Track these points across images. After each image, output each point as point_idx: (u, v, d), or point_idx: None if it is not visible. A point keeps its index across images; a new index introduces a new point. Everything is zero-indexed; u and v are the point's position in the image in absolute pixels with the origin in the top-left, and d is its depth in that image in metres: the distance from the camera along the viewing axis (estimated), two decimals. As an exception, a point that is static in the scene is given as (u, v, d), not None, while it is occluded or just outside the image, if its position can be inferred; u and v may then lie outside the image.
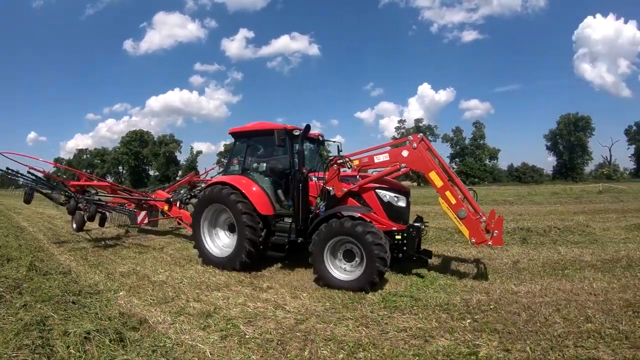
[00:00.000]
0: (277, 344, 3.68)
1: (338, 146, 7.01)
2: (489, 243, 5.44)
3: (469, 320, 4.22)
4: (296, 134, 6.37)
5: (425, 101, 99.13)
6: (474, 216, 5.52)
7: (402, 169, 6.09)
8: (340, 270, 5.63)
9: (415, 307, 4.63)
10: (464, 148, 72.49)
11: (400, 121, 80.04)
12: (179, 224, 9.98)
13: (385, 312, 4.49)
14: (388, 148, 6.11)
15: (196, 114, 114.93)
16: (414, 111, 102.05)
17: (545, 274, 6.16)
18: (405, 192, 6.36)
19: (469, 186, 7.11)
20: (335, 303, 4.81)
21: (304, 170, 6.17)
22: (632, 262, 6.67)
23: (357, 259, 5.50)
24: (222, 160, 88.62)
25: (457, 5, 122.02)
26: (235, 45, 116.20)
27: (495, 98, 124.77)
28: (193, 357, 3.43)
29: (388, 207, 6.05)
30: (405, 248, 5.75)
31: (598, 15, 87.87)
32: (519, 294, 5.23)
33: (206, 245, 6.88)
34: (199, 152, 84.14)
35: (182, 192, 10.60)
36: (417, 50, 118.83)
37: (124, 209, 10.15)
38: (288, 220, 6.43)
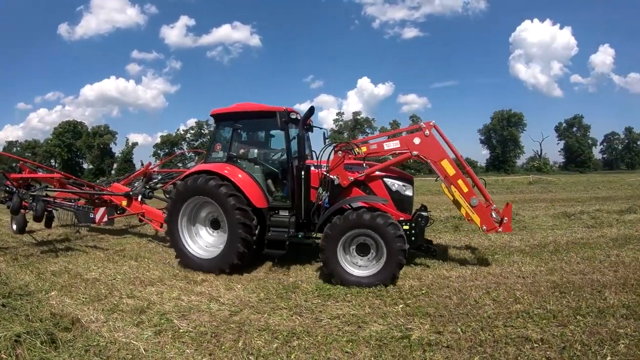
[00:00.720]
0: (212, 336, 4.07)
1: (324, 133, 7.28)
2: (499, 230, 6.10)
3: (401, 305, 4.82)
4: (293, 117, 6.44)
5: (364, 94, 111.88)
6: (484, 204, 6.15)
7: (413, 156, 6.30)
8: (354, 265, 5.75)
9: (348, 295, 5.22)
10: None
11: (338, 113, 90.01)
12: (140, 220, 9.85)
13: (319, 301, 5.04)
14: (396, 135, 6.48)
15: (132, 104, 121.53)
16: (353, 104, 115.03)
17: (476, 260, 7.15)
18: (411, 181, 6.71)
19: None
20: (270, 293, 5.35)
21: (306, 158, 6.36)
22: (559, 247, 7.90)
23: (372, 253, 5.69)
24: (159, 152, 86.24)
25: (400, 3, 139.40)
26: (175, 33, 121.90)
27: (432, 93, 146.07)
28: (127, 354, 3.71)
29: (397, 196, 6.38)
30: (413, 238, 6.07)
31: (535, 20, 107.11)
32: (450, 278, 6.01)
33: (186, 245, 6.68)
34: (135, 144, 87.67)
35: (136, 184, 10.72)
36: (358, 44, 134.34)
37: (75, 205, 9.67)
38: (284, 213, 6.50)
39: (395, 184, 6.44)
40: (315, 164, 6.53)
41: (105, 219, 9.15)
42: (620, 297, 5.00)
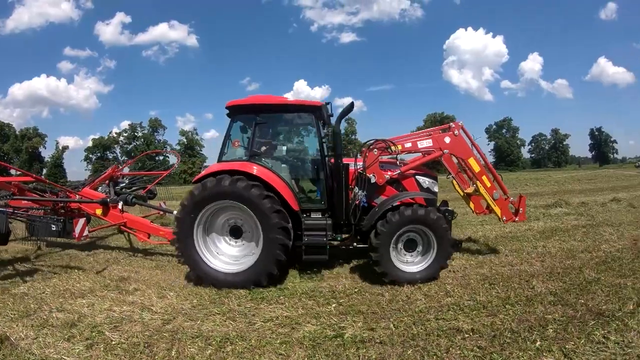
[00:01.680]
0: (144, 346, 4.48)
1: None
2: (516, 219, 7.72)
3: (334, 305, 5.56)
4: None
5: (300, 97, 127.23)
6: (503, 197, 7.69)
7: (444, 155, 7.50)
8: (403, 263, 6.55)
9: (282, 297, 5.94)
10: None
11: None
12: (121, 232, 9.67)
13: (252, 304, 5.67)
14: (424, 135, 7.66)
15: (64, 104, 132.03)
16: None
17: None
18: (436, 178, 7.85)
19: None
20: (203, 299, 5.93)
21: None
22: (488, 241, 9.28)
23: (419, 248, 6.63)
24: (91, 155, 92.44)
25: (339, 8, 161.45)
26: (110, 30, 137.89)
27: (368, 96, 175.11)
28: (58, 371, 4.12)
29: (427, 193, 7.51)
30: None
31: (469, 28, 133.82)
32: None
33: (205, 260, 6.59)
34: (65, 148, 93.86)
35: (99, 190, 10.75)
36: (296, 47, 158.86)
37: (36, 215, 9.09)
38: (315, 215, 7.01)
39: (426, 181, 7.59)
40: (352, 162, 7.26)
41: (86, 232, 8.44)
42: (548, 285, 6.04)
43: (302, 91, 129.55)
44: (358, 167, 7.21)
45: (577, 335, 4.38)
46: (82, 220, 8.20)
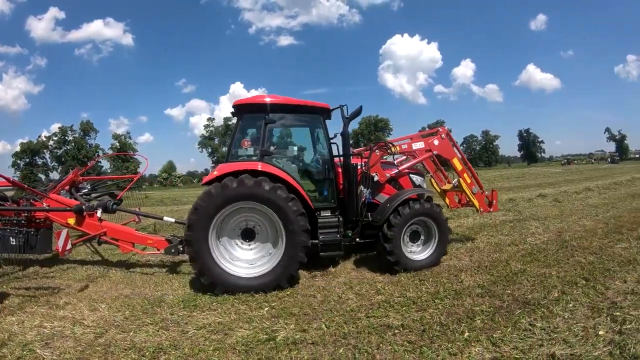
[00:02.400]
0: None
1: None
2: (490, 210, 9.82)
3: (267, 308, 6.05)
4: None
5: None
6: (480, 192, 9.62)
7: (434, 155, 9.43)
8: (409, 252, 7.91)
9: (214, 303, 6.39)
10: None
11: (209, 119, 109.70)
12: (100, 242, 9.15)
13: (185, 312, 6.08)
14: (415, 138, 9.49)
15: None
16: (226, 109, 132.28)
17: (340, 258, 8.68)
18: (423, 175, 9.56)
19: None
20: (135, 310, 6.29)
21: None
22: None
23: (422, 238, 8.14)
24: (19, 161, 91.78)
25: (278, 11, 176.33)
26: (42, 26, 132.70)
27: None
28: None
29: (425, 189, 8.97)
30: None
31: (406, 35, 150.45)
32: (315, 277, 7.51)
33: (222, 266, 6.93)
34: None
35: (67, 197, 10.32)
36: (233, 49, 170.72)
37: None
38: (325, 214, 7.91)
39: (418, 179, 9.15)
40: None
41: (69, 245, 8.05)
42: (475, 279, 6.84)
43: (239, 94, 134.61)
44: (363, 167, 8.32)
45: (504, 324, 5.02)
46: (64, 232, 7.86)
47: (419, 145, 9.28)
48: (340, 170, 8.22)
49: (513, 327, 5.01)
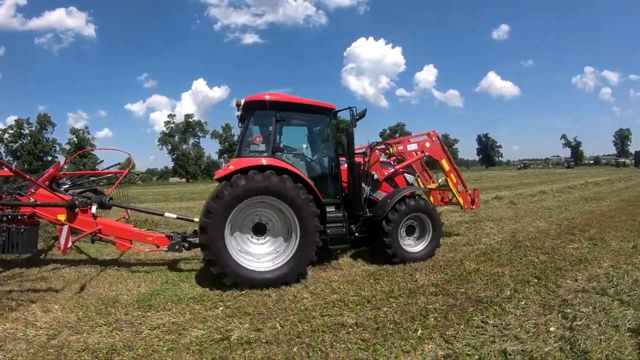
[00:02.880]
0: None
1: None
2: (472, 207, 10.90)
3: (221, 308, 6.05)
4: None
5: (199, 97, 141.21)
6: (464, 191, 10.68)
7: (426, 156, 10.49)
8: (405, 245, 8.57)
9: (169, 303, 6.38)
10: (232, 144, 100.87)
11: (170, 115, 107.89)
12: (94, 240, 8.98)
13: (139, 312, 6.03)
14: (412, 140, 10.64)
15: None
16: (187, 106, 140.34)
17: None
18: (414, 175, 10.34)
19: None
20: (89, 311, 6.20)
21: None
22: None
23: (416, 233, 8.82)
24: None
25: (244, 8, 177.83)
26: (1, 12, 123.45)
27: None
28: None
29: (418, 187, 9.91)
30: None
31: (371, 38, 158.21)
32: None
33: (238, 260, 7.07)
34: None
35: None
36: (197, 45, 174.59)
37: None
38: (330, 209, 8.31)
39: (411, 178, 9.98)
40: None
41: (70, 244, 7.57)
42: (430, 277, 6.99)
43: (201, 90, 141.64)
44: (364, 165, 8.92)
45: (457, 321, 5.14)
46: (65, 229, 7.41)
47: (413, 147, 10.29)
48: (344, 167, 8.62)
49: (466, 324, 5.12)
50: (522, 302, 5.82)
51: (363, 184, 8.73)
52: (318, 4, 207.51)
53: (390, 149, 9.81)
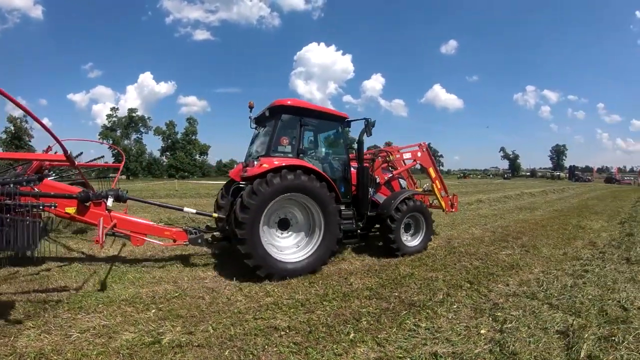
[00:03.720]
0: None
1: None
2: (452, 210, 12.46)
3: (153, 311, 5.98)
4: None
5: (144, 91, 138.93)
6: (445, 196, 12.32)
7: (417, 164, 12.29)
8: (404, 240, 9.85)
9: (100, 305, 6.26)
10: (175, 142, 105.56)
11: (113, 109, 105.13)
12: (114, 232, 8.46)
13: (69, 315, 5.91)
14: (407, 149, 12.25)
15: None
16: (132, 100, 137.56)
17: (225, 258, 8.92)
18: (405, 178, 11.83)
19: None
20: (17, 313, 6.02)
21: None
22: None
23: (412, 230, 10.24)
24: None
25: (198, 3, 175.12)
26: None
27: (214, 98, 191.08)
28: None
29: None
30: None
31: (322, 44, 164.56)
32: (205, 279, 7.54)
33: (271, 252, 7.75)
34: None
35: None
36: (147, 37, 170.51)
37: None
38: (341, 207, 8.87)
39: (403, 182, 11.55)
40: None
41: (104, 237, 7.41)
42: (365, 281, 7.14)
43: (147, 84, 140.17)
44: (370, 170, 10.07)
45: (390, 325, 5.28)
46: (101, 220, 7.47)
47: (407, 155, 11.94)
48: (353, 171, 9.67)
49: (398, 327, 5.27)
50: (454, 306, 6.04)
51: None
52: (273, 6, 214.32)
53: (390, 157, 11.24)
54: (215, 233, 8.81)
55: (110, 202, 8.02)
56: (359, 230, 9.41)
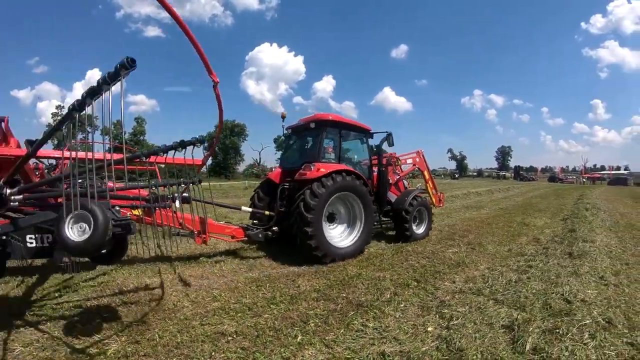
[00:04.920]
0: None
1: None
2: (441, 205, 15.58)
3: (98, 320, 5.81)
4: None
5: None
6: (437, 194, 15.15)
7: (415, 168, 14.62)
8: (414, 229, 12.07)
9: (43, 317, 6.01)
10: (122, 142, 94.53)
11: (58, 107, 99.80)
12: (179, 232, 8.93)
13: (12, 328, 5.62)
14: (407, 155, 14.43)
15: None
16: (79, 97, 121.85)
17: (179, 265, 8.84)
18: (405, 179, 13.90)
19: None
20: None
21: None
22: (262, 246, 10.51)
23: (417, 221, 12.36)
24: None
25: None
26: None
27: (163, 96, 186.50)
28: None
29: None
30: None
31: (275, 44, 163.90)
32: (151, 285, 7.38)
33: (329, 240, 9.57)
34: None
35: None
36: (96, 31, 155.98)
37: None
38: None
39: (406, 182, 13.80)
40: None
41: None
42: (312, 283, 7.17)
43: (95, 82, 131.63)
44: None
45: (338, 326, 5.32)
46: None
47: (409, 161, 14.31)
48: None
49: (346, 328, 5.32)
50: (402, 305, 6.16)
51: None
52: (226, 4, 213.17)
53: (399, 162, 13.74)
54: (274, 228, 10.07)
55: (178, 204, 8.41)
56: (375, 223, 11.28)
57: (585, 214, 17.29)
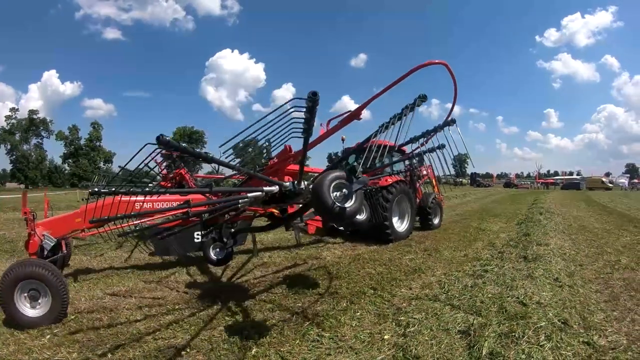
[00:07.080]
0: None
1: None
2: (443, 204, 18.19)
3: (48, 337, 5.65)
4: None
5: (48, 91, 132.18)
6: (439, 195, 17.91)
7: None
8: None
9: None
10: (78, 148, 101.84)
11: (12, 109, 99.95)
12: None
13: None
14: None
15: None
16: (34, 100, 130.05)
17: (135, 275, 8.78)
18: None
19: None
20: None
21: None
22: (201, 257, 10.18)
23: (433, 214, 16.30)
24: None
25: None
26: None
27: (121, 101, 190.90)
28: None
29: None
30: None
31: (236, 51, 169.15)
32: (104, 299, 7.22)
33: (395, 226, 13.48)
34: None
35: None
36: (54, 32, 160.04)
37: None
38: None
39: (421, 187, 17.10)
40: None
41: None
42: (268, 294, 7.14)
43: (51, 84, 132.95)
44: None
45: (293, 337, 5.28)
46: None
47: (424, 171, 17.26)
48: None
49: (302, 339, 5.30)
50: (358, 313, 6.17)
51: None
52: (188, 9, 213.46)
53: (421, 172, 16.96)
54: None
55: None
56: None
57: (540, 218, 17.80)
